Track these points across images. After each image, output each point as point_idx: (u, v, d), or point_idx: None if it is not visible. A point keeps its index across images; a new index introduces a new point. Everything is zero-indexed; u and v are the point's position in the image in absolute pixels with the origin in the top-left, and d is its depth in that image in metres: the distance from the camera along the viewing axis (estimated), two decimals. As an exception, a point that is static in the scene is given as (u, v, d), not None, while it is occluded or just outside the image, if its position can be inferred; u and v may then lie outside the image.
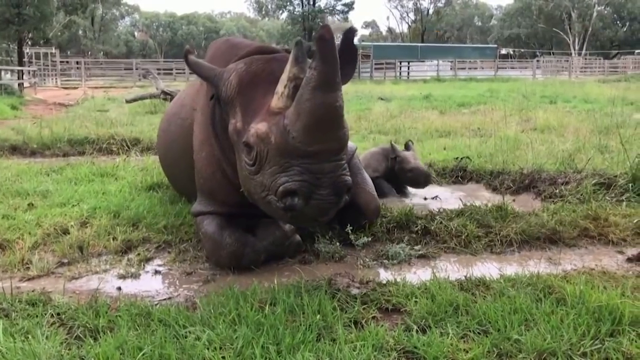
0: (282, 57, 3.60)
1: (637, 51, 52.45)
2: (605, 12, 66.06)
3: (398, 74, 43.42)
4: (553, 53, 62.75)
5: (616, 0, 66.15)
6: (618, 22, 67.49)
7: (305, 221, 3.35)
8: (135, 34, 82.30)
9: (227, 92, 3.52)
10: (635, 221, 4.47)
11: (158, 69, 40.00)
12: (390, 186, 5.87)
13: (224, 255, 3.68)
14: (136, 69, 38.93)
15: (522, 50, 66.57)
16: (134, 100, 16.66)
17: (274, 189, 3.12)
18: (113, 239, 4.23)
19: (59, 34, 53.70)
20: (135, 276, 3.67)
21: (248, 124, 3.31)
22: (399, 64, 44.99)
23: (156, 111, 14.94)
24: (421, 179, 5.75)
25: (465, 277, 3.38)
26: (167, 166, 5.15)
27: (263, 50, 3.84)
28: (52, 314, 2.91)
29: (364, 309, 2.96)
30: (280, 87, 3.15)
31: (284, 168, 3.09)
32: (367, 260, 3.83)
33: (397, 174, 5.82)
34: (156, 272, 3.75)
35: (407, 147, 6.05)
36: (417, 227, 4.37)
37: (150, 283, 3.56)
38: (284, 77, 3.15)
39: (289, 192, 3.05)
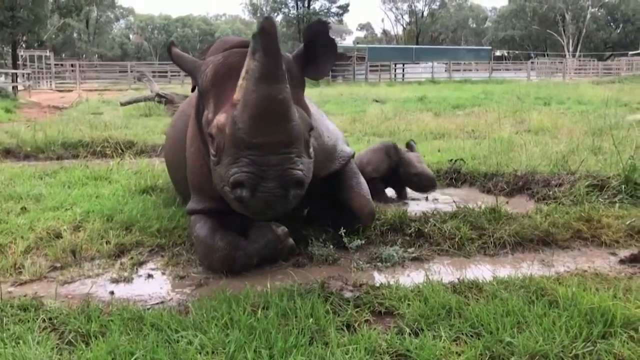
0: None
1: (630, 53, 52.68)
2: (599, 13, 66.35)
3: (393, 76, 43.46)
4: (547, 55, 62.97)
5: (610, 2, 66.47)
6: (612, 24, 67.78)
7: (255, 213, 3.31)
8: (130, 36, 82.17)
9: (203, 84, 3.54)
10: (627, 223, 4.48)
11: (153, 72, 39.90)
12: (387, 195, 5.80)
13: (216, 259, 3.67)
14: (131, 71, 38.88)
15: (517, 52, 66.73)
16: (129, 103, 16.64)
17: (226, 179, 3.16)
18: (106, 243, 4.22)
19: (54, 36, 53.55)
20: (128, 280, 3.66)
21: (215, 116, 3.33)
22: (393, 66, 45.04)
23: (151, 114, 14.94)
24: (428, 184, 5.64)
25: (459, 279, 3.38)
26: (171, 165, 5.09)
27: (246, 44, 3.73)
28: (44, 319, 2.90)
29: (356, 312, 2.96)
30: (240, 79, 3.13)
31: (235, 159, 3.10)
32: (361, 263, 3.83)
33: (401, 177, 5.72)
34: (149, 276, 3.74)
35: (409, 147, 5.96)
36: (410, 229, 4.37)
37: (143, 287, 3.55)
38: (243, 70, 3.11)
39: (237, 183, 3.08)
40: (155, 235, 4.39)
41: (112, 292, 3.44)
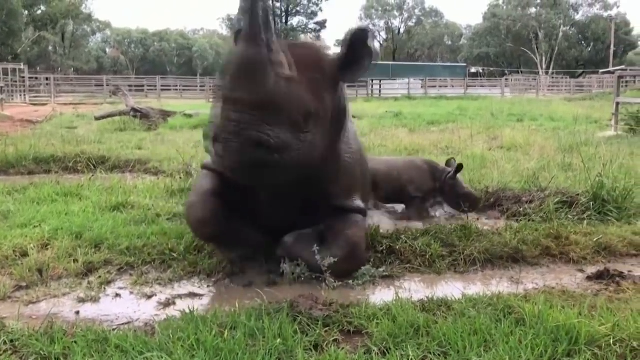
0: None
1: (601, 71, 53.87)
2: (571, 32, 67.87)
3: (370, 91, 43.74)
4: (521, 72, 64.10)
5: (580, 21, 68.10)
6: (583, 42, 69.39)
7: (231, 172, 3.48)
8: (107, 50, 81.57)
9: None
10: (595, 239, 4.56)
11: (130, 86, 39.62)
12: (431, 214, 5.78)
13: (191, 215, 4.00)
14: (107, 85, 38.47)
15: (491, 68, 67.79)
16: (104, 117, 16.45)
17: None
18: (74, 261, 4.14)
19: (28, 49, 53.03)
20: (95, 300, 3.60)
21: None
22: (371, 82, 45.37)
23: (126, 128, 14.80)
24: (474, 205, 5.64)
25: (428, 297, 3.40)
26: None
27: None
28: (5, 341, 2.83)
29: (325, 331, 2.94)
30: None
31: (222, 115, 3.28)
32: (332, 281, 3.81)
33: (446, 195, 5.71)
34: (116, 295, 3.68)
35: (449, 165, 5.87)
36: (382, 246, 4.38)
37: (110, 307, 3.49)
38: None
39: (214, 137, 3.29)
40: (124, 253, 4.32)
41: (77, 312, 3.38)
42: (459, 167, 5.75)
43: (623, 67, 51.12)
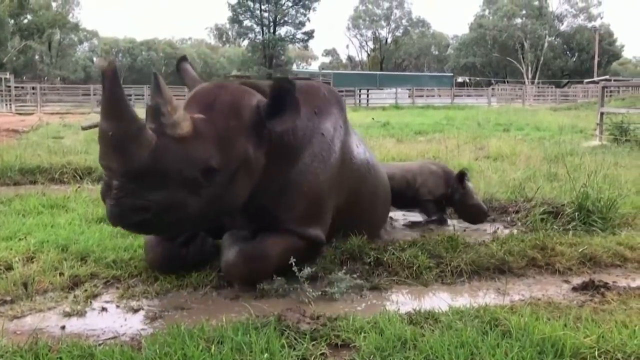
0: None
1: (586, 81, 54.52)
2: (556, 42, 68.64)
3: (358, 101, 43.90)
4: (507, 81, 64.69)
5: (565, 32, 68.92)
6: (568, 52, 70.19)
7: (116, 225, 3.66)
8: (94, 59, 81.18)
9: None
10: (580, 250, 4.60)
11: (116, 95, 39.34)
12: (443, 216, 5.83)
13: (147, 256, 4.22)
14: (94, 94, 38.25)
15: (478, 78, 68.38)
16: (91, 127, 16.34)
17: None
18: (60, 275, 4.10)
19: (14, 58, 52.67)
20: (81, 314, 3.56)
21: None
22: (358, 91, 45.57)
23: (112, 139, 14.68)
24: (480, 218, 5.65)
25: (415, 309, 3.41)
26: None
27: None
28: (-11, 358, 2.80)
29: (313, 345, 2.94)
30: None
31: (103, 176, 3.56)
32: (319, 293, 3.80)
33: (455, 205, 5.73)
34: (103, 309, 3.65)
35: (461, 176, 5.78)
36: (369, 258, 4.39)
37: (96, 321, 3.47)
38: None
39: (101, 196, 3.52)
40: (110, 266, 4.29)
41: (63, 327, 3.35)
42: (461, 174, 5.70)
43: (607, 77, 51.88)
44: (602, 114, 13.83)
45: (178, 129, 3.39)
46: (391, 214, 5.98)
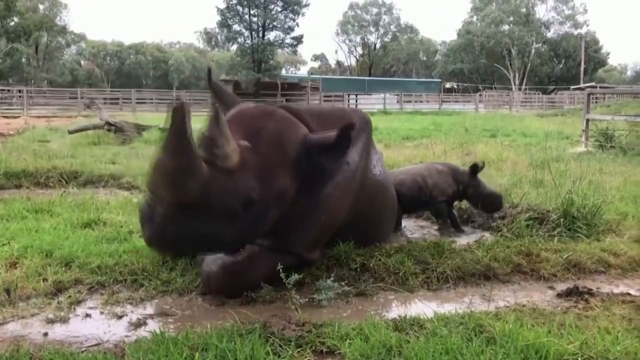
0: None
1: (572, 87, 55.00)
2: (543, 49, 69.19)
3: (346, 106, 44.01)
4: (495, 87, 65.15)
5: (552, 39, 69.53)
6: (554, 59, 70.79)
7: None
8: (82, 62, 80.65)
9: None
10: (565, 256, 4.63)
11: (105, 99, 39.31)
12: (455, 218, 5.87)
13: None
14: (81, 98, 37.99)
15: (466, 84, 68.75)
16: (77, 131, 16.22)
17: None
18: (43, 281, 4.06)
19: (0, 61, 52.24)
20: (64, 320, 3.53)
21: None
22: (347, 96, 45.69)
23: (99, 142, 14.60)
24: (498, 204, 5.70)
25: (400, 316, 3.41)
26: None
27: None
28: (-30, 365, 2.76)
29: (298, 352, 2.93)
30: None
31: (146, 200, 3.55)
32: (306, 300, 3.79)
33: (470, 198, 5.79)
34: (87, 315, 3.62)
35: (473, 169, 5.85)
36: (355, 264, 4.39)
37: (80, 327, 3.43)
38: None
39: (141, 219, 3.57)
40: (95, 272, 4.25)
41: (45, 334, 3.31)
42: (474, 168, 5.81)
43: (593, 84, 52.35)
44: (587, 120, 13.94)
45: (228, 161, 3.44)
46: (404, 222, 6.12)
